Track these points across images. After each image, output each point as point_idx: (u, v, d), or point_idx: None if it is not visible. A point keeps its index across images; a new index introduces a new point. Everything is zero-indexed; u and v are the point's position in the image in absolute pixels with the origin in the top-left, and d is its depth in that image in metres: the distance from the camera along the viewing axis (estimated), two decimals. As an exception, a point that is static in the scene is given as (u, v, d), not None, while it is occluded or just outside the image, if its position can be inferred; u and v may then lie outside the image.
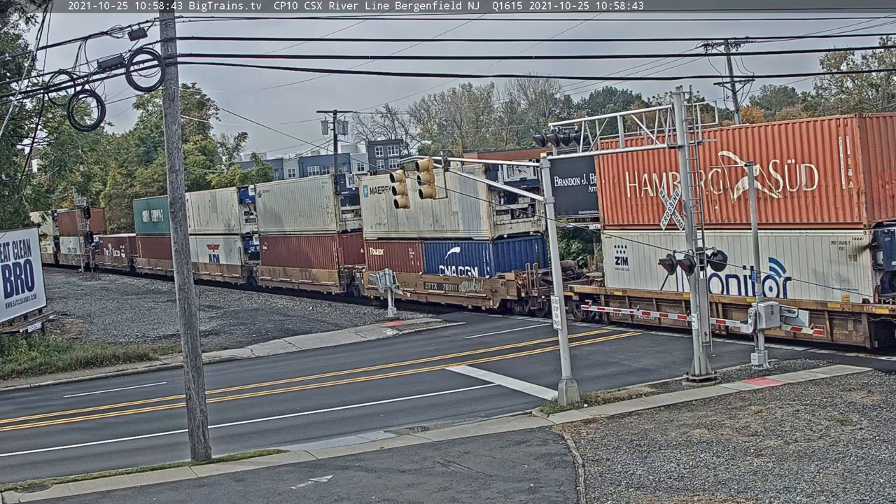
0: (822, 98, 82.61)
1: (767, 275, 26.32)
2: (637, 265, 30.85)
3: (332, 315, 42.33)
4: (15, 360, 33.52)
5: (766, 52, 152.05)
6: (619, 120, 24.96)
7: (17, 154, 40.64)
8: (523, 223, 36.80)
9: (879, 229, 24.30)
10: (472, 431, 20.20)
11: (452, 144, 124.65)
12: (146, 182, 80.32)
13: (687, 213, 23.24)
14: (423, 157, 25.69)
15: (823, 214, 25.31)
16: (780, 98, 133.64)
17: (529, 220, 36.83)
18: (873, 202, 24.45)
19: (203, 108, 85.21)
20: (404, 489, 16.37)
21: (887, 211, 24.64)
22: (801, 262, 25.88)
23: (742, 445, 17.31)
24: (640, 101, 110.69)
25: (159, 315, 46.03)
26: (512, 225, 36.60)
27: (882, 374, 21.95)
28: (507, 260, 35.98)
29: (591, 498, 15.11)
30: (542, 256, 35.71)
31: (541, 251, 36.04)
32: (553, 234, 22.79)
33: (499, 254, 35.92)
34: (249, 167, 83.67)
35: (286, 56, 20.92)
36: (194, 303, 19.89)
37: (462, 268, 37.70)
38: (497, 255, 35.92)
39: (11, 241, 36.15)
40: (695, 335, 22.85)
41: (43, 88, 20.21)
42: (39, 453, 22.07)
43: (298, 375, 28.90)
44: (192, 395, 19.52)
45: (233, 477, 18.02)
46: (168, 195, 20.13)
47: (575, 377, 21.99)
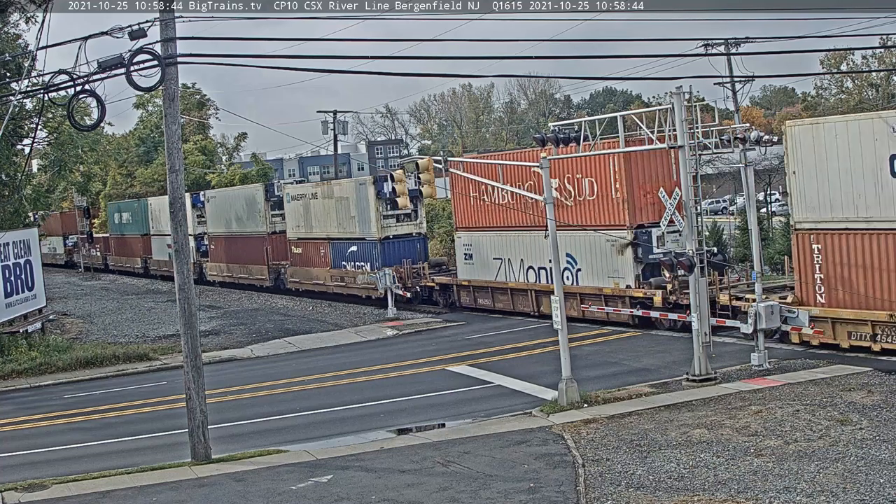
0: (822, 98, 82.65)
1: (565, 267, 32.25)
2: (479, 260, 38.08)
3: (332, 315, 42.33)
4: (15, 360, 33.51)
5: (766, 52, 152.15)
6: (619, 120, 25.00)
7: (17, 154, 40.60)
8: (407, 226, 43.26)
9: (639, 230, 30.24)
10: (472, 431, 20.21)
11: (452, 144, 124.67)
12: (146, 182, 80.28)
13: (687, 213, 23.25)
14: (423, 157, 25.72)
15: (601, 218, 31.52)
16: (780, 98, 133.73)
17: (412, 223, 43.36)
18: (635, 208, 30.50)
19: (203, 108, 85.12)
20: (404, 489, 16.37)
21: (647, 216, 30.41)
22: (588, 256, 32.41)
23: (742, 445, 17.31)
24: (640, 101, 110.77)
25: (159, 315, 46.02)
26: (397, 227, 42.95)
27: (882, 374, 21.96)
28: (392, 256, 42.24)
29: (591, 498, 15.11)
30: (422, 254, 43.03)
31: (422, 249, 43.23)
32: (553, 233, 22.77)
33: (385, 251, 42.29)
34: (249, 167, 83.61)
35: (286, 56, 20.91)
36: (194, 303, 19.90)
37: (358, 263, 44.16)
38: (384, 252, 42.26)
39: (11, 241, 36.12)
40: (695, 335, 22.86)
41: (43, 88, 20.20)
42: (39, 453, 22.07)
43: (298, 375, 28.91)
44: (192, 395, 19.52)
45: (233, 477, 18.02)
46: (168, 195, 20.15)
47: (575, 377, 22.00)
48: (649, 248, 28.13)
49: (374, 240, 42.56)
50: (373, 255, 42.62)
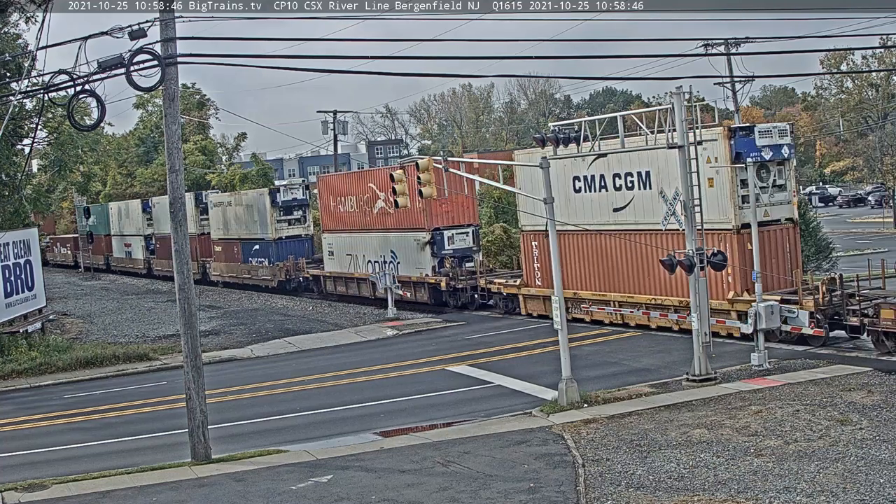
0: (822, 98, 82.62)
1: (389, 260, 42.40)
2: (338, 256, 47.13)
3: (332, 315, 42.33)
4: (15, 360, 33.49)
5: (766, 52, 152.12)
6: (619, 120, 25.00)
7: (17, 154, 40.59)
8: (296, 228, 52.78)
9: (435, 232, 40.10)
10: (472, 431, 20.21)
11: (452, 144, 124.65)
12: (146, 182, 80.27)
13: (687, 213, 23.25)
14: (423, 157, 25.71)
15: (412, 223, 40.88)
16: (780, 98, 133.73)
17: (301, 226, 52.83)
18: (432, 216, 40.10)
19: (203, 108, 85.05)
20: (404, 489, 16.38)
21: (441, 221, 40.34)
22: (404, 252, 41.76)
23: (742, 445, 17.32)
24: (640, 101, 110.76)
25: (159, 315, 46.01)
26: (288, 230, 52.41)
27: (882, 374, 21.97)
28: (284, 254, 51.67)
29: (591, 498, 15.11)
30: (309, 251, 52.39)
31: (308, 248, 52.66)
32: (553, 233, 22.77)
33: (279, 249, 51.86)
34: (249, 167, 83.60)
35: (286, 56, 20.92)
36: (194, 303, 19.89)
37: (259, 259, 53.49)
38: (278, 250, 51.87)
39: (11, 241, 36.11)
40: (695, 335, 22.86)
41: (43, 88, 20.21)
42: (39, 453, 22.07)
43: (298, 375, 28.90)
44: (192, 395, 19.52)
45: (233, 477, 18.03)
46: (168, 195, 20.14)
47: (575, 377, 22.00)
48: (442, 246, 40.01)
49: (270, 240, 52.23)
50: (270, 252, 52.29)
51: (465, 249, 39.87)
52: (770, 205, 27.69)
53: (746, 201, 26.07)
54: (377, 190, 42.81)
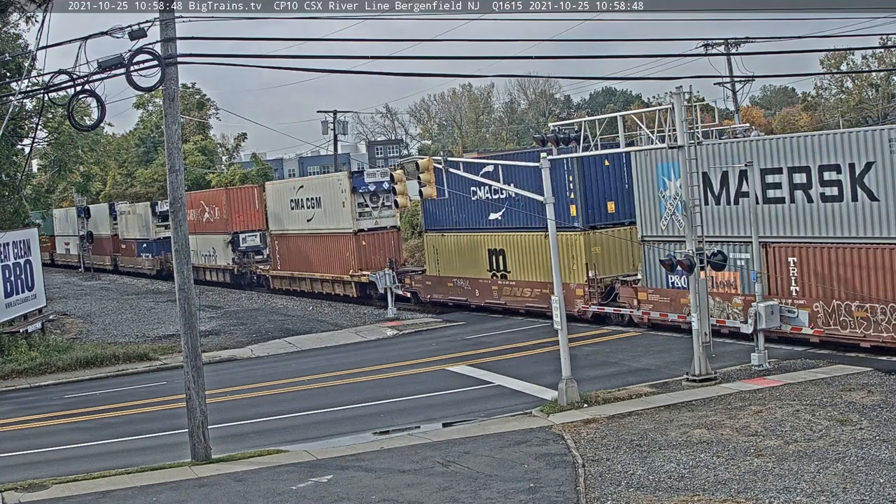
0: (822, 98, 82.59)
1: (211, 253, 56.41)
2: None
3: (332, 315, 42.34)
4: (15, 360, 33.49)
5: (766, 52, 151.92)
6: (619, 120, 24.98)
7: (17, 154, 40.61)
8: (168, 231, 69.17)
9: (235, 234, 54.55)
10: (472, 431, 20.21)
11: (452, 144, 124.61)
12: (146, 182, 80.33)
13: (687, 213, 23.26)
14: (423, 157, 25.72)
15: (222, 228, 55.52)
16: (780, 98, 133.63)
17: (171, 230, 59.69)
18: (231, 223, 54.65)
19: (203, 108, 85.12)
20: (404, 489, 16.38)
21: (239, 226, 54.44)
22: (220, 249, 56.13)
23: (742, 445, 17.32)
24: (639, 101, 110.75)
25: (159, 315, 46.01)
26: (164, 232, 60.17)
27: (882, 374, 21.96)
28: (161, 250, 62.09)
29: (591, 498, 15.11)
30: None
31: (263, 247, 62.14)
32: (553, 233, 22.77)
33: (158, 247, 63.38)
34: (249, 167, 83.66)
35: (286, 56, 20.93)
36: (194, 303, 19.90)
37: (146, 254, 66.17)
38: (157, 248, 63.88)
39: (11, 241, 36.11)
40: (695, 335, 22.86)
41: (43, 88, 20.21)
42: (39, 453, 22.08)
43: (298, 375, 28.91)
44: (192, 395, 19.52)
45: (233, 477, 18.03)
46: (168, 195, 20.13)
47: (575, 377, 22.00)
48: (238, 244, 54.72)
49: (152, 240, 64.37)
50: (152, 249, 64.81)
51: (255, 246, 55.10)
52: (380, 217, 44.17)
53: (361, 216, 44.00)
54: (205, 205, 58.19)
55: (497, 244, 36.82)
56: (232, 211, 55.30)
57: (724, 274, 26.82)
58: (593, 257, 32.33)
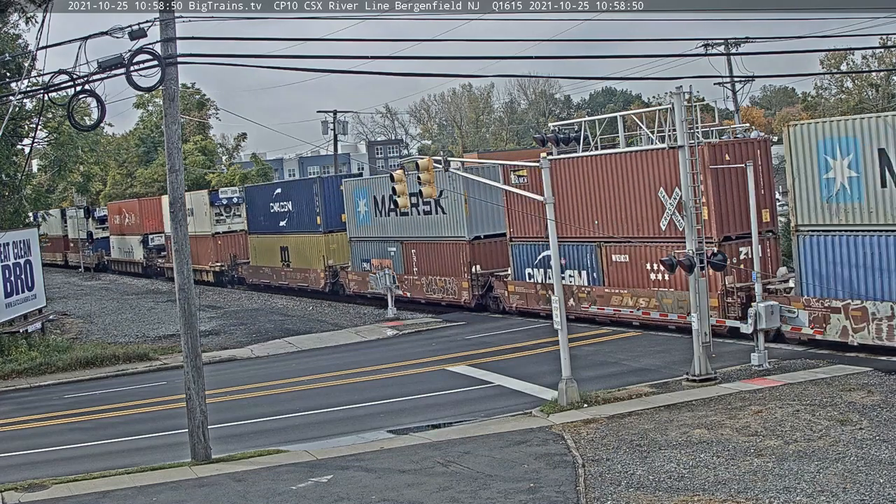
0: (822, 98, 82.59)
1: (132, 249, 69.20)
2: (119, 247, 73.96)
3: (332, 315, 42.35)
4: (15, 360, 33.49)
5: (766, 52, 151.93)
6: (619, 120, 25.02)
7: (17, 154, 40.57)
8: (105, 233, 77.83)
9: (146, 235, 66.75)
10: (472, 431, 20.21)
11: (452, 144, 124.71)
12: (146, 182, 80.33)
13: (687, 213, 23.26)
14: (423, 157, 25.71)
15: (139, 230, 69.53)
16: (780, 98, 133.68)
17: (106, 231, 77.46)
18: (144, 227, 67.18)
19: (203, 108, 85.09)
20: (404, 489, 16.38)
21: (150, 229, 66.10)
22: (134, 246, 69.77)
23: (742, 445, 17.31)
24: (639, 101, 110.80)
25: (159, 315, 46.02)
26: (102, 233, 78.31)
27: (882, 374, 21.95)
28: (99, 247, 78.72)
29: (591, 498, 15.11)
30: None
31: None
32: (553, 233, 22.77)
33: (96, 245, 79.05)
34: (249, 167, 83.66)
35: (286, 56, 20.88)
36: (194, 303, 19.89)
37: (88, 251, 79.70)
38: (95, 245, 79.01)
39: (11, 241, 36.10)
40: (695, 335, 22.86)
41: (43, 88, 20.21)
42: (39, 453, 22.07)
43: (298, 375, 28.90)
44: (192, 395, 19.52)
45: (233, 477, 18.03)
46: (168, 195, 20.13)
47: (575, 377, 21.99)
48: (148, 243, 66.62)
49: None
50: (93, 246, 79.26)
51: (160, 245, 64.93)
52: (232, 223, 58.14)
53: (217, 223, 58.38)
54: (126, 212, 71.75)
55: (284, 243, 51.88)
56: (143, 217, 68.15)
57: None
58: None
